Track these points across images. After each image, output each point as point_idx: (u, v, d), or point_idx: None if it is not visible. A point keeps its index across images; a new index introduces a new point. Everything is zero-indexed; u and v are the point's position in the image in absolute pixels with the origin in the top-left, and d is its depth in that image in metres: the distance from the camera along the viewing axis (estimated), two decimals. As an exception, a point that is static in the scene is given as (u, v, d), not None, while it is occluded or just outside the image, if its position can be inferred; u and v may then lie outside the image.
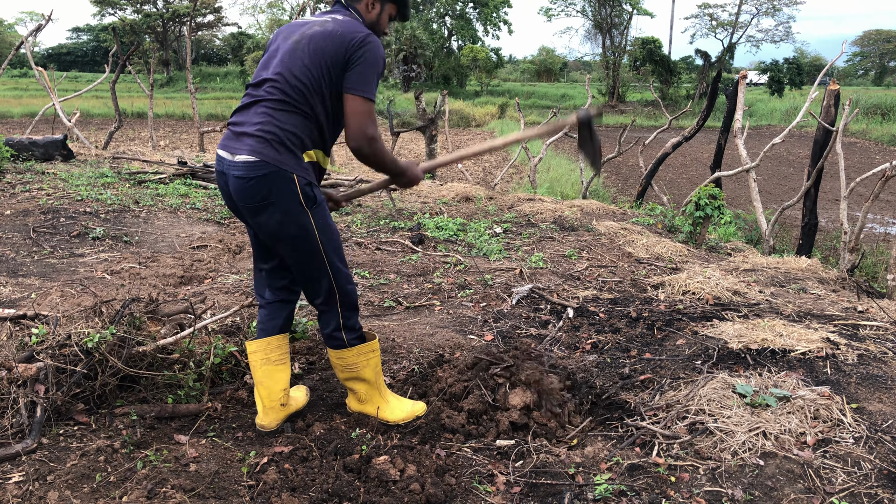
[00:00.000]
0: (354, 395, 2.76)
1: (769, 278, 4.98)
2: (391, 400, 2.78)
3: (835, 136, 7.52)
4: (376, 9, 2.59)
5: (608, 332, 3.75)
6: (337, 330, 2.62)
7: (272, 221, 2.39)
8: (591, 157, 2.82)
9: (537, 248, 5.68)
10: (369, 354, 2.68)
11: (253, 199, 2.36)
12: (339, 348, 2.64)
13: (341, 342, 2.63)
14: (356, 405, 2.78)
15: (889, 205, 14.33)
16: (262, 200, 2.35)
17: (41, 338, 2.62)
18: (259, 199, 2.35)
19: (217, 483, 2.24)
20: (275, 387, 2.65)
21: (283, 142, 2.34)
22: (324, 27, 2.42)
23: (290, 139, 2.35)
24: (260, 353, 2.65)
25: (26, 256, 4.74)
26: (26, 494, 2.10)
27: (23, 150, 8.48)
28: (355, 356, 2.65)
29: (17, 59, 41.90)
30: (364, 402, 2.76)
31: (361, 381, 2.71)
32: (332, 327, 2.62)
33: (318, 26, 2.43)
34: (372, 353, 2.69)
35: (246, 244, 5.38)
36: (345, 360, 2.66)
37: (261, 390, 2.65)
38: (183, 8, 49.75)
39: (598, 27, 47.98)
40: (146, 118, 16.64)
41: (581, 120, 2.70)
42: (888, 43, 60.01)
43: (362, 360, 2.67)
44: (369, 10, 2.58)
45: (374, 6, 2.58)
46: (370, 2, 2.57)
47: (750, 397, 2.65)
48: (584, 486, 2.28)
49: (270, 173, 2.32)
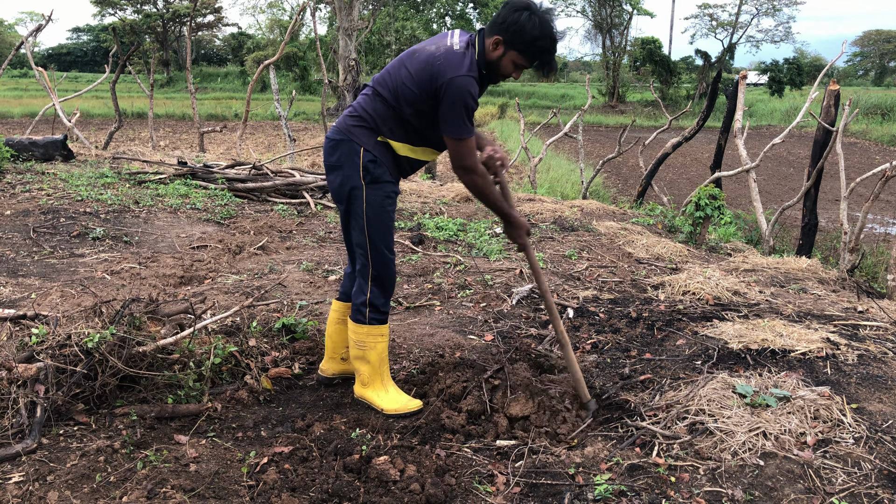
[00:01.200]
0: (359, 377, 2.93)
1: (769, 278, 4.98)
2: (390, 390, 2.91)
3: (835, 137, 7.52)
4: (499, 51, 2.61)
5: (608, 332, 3.75)
6: (363, 305, 2.83)
7: (335, 182, 2.77)
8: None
9: (537, 248, 5.68)
10: (378, 338, 2.86)
11: (328, 159, 2.79)
12: (357, 322, 2.86)
13: (361, 317, 2.84)
14: (359, 389, 2.95)
15: (889, 205, 14.33)
16: (334, 161, 2.74)
17: (41, 338, 2.62)
18: (333, 159, 2.75)
19: (217, 483, 2.24)
20: (340, 342, 3.05)
21: (364, 122, 2.69)
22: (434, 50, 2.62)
23: (369, 122, 2.69)
24: (337, 312, 3.04)
25: (26, 256, 4.74)
26: (26, 494, 2.10)
27: (23, 151, 8.48)
28: (365, 335, 2.85)
29: (17, 60, 41.90)
30: (366, 386, 2.92)
31: (366, 362, 2.88)
32: (360, 300, 2.84)
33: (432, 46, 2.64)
34: (381, 337, 2.87)
35: (246, 245, 5.39)
36: (357, 335, 2.86)
37: (328, 342, 3.07)
38: (183, 8, 49.75)
39: (598, 27, 47.95)
40: (146, 118, 16.64)
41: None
42: (888, 43, 60.01)
43: (370, 341, 2.85)
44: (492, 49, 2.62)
45: (498, 48, 2.61)
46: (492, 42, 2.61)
47: (750, 397, 2.65)
48: (584, 486, 2.28)
49: (343, 140, 2.70)
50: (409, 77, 2.60)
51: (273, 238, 5.70)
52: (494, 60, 2.61)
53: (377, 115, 2.67)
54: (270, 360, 3.20)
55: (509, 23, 2.54)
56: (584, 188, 11.76)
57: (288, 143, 12.38)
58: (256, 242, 5.47)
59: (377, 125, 2.68)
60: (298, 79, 41.67)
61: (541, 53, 2.59)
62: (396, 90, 2.63)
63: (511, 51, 2.58)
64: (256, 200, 7.24)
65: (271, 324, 3.47)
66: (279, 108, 12.42)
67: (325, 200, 7.31)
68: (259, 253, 5.23)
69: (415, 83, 2.58)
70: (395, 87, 2.63)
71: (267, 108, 30.36)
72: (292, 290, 4.28)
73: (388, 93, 2.65)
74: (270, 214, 6.62)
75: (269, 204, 7.13)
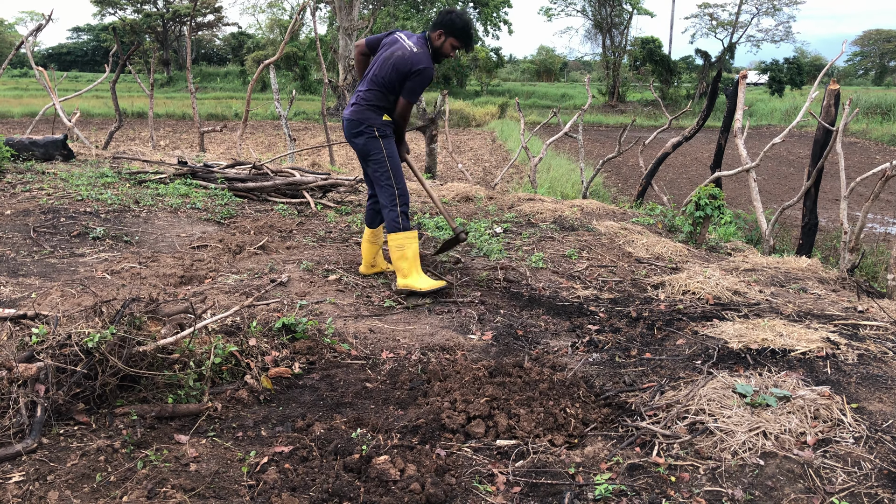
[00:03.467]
0: (400, 272, 4.32)
1: (769, 278, 4.98)
2: (423, 276, 4.32)
3: (835, 136, 7.52)
4: (441, 39, 4.27)
5: (608, 331, 3.75)
6: (396, 219, 4.26)
7: (360, 143, 4.31)
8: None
9: (537, 247, 5.68)
10: (412, 239, 4.31)
11: (351, 131, 4.34)
12: (395, 231, 4.27)
13: (398, 226, 4.26)
14: (401, 281, 4.33)
15: (889, 205, 14.33)
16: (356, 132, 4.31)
17: (41, 338, 2.62)
18: (356, 131, 4.31)
19: (217, 483, 2.24)
20: (367, 255, 4.67)
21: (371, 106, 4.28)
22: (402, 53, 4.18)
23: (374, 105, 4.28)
24: (365, 235, 4.67)
25: (26, 256, 4.74)
26: (26, 494, 2.10)
27: (23, 150, 8.47)
28: (404, 238, 4.27)
29: (17, 59, 41.89)
30: (406, 276, 4.30)
31: (405, 259, 4.27)
32: (393, 216, 4.27)
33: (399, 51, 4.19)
34: (413, 239, 4.31)
35: (246, 244, 5.39)
36: (397, 240, 4.27)
37: (364, 255, 4.68)
38: (183, 8, 49.74)
39: (598, 27, 47.93)
40: (146, 118, 16.64)
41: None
42: (888, 42, 59.98)
43: (407, 243, 4.28)
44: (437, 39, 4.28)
45: (441, 38, 4.27)
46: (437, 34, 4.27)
47: (750, 397, 2.65)
48: (585, 486, 2.28)
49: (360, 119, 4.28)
50: (393, 71, 4.17)
51: (273, 238, 5.70)
52: (438, 46, 4.28)
53: (376, 100, 4.26)
54: (270, 359, 3.20)
55: (445, 21, 4.23)
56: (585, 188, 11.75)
57: (288, 142, 12.38)
58: (256, 242, 5.47)
59: (378, 106, 4.27)
60: (298, 78, 41.66)
61: (465, 36, 4.27)
62: (385, 83, 4.21)
63: (449, 37, 4.26)
64: (256, 200, 7.24)
65: (271, 323, 3.47)
66: (279, 107, 12.42)
67: (325, 200, 7.31)
68: (259, 252, 5.23)
69: (398, 75, 4.16)
70: (385, 81, 4.21)
71: (267, 107, 30.36)
72: (292, 289, 4.28)
73: (380, 86, 4.23)
74: (270, 214, 6.62)
75: (270, 203, 7.13)
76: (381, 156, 4.25)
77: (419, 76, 4.12)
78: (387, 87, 4.21)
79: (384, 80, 4.19)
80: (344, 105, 27.44)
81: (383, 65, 4.18)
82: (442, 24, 4.23)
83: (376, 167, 4.28)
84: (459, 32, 4.23)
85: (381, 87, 4.22)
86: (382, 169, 4.26)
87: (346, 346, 3.45)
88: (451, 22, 4.22)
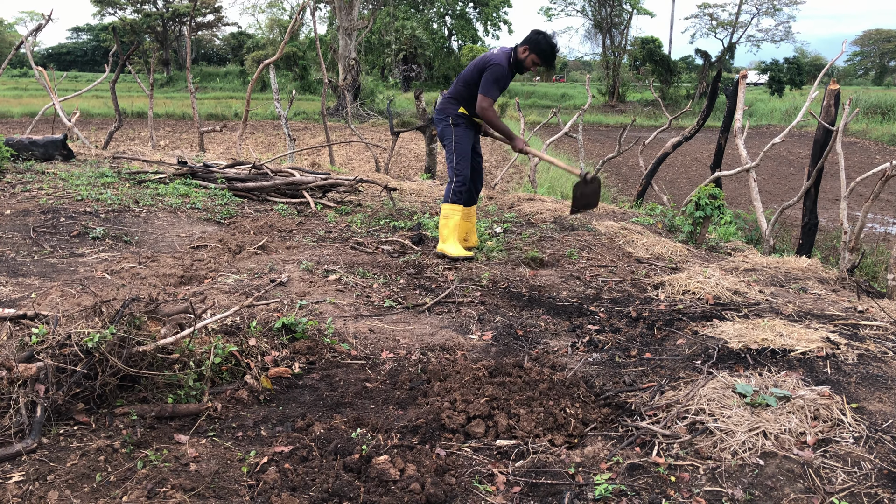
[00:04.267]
0: (441, 238, 5.21)
1: (769, 278, 4.98)
2: (457, 244, 5.18)
3: (835, 136, 7.52)
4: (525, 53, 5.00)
5: (608, 331, 3.75)
6: (450, 192, 5.19)
7: (439, 127, 5.27)
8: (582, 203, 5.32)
9: (537, 247, 5.68)
10: (457, 212, 5.20)
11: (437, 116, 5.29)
12: (447, 202, 5.19)
13: (448, 199, 5.19)
14: (440, 246, 5.21)
15: (889, 205, 14.33)
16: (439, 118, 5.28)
17: (41, 338, 2.61)
18: (439, 117, 5.26)
19: (217, 483, 2.24)
20: (461, 231, 5.37)
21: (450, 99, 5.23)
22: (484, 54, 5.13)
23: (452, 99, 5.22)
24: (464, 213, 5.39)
25: (26, 256, 4.74)
26: (26, 494, 2.10)
27: (23, 150, 8.47)
28: (450, 209, 5.18)
29: (17, 59, 41.89)
30: (445, 241, 5.17)
31: (447, 227, 5.17)
32: (449, 190, 5.20)
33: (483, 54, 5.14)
34: (458, 211, 5.20)
35: (246, 244, 5.39)
36: (446, 209, 5.18)
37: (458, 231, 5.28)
38: (183, 8, 49.74)
39: (598, 27, 47.95)
40: (146, 118, 16.64)
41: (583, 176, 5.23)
42: (888, 42, 60.01)
43: (452, 213, 5.19)
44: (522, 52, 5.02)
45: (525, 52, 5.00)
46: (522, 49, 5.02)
47: (750, 397, 2.65)
48: (584, 486, 2.28)
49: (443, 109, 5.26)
50: (473, 68, 5.06)
51: (273, 237, 5.69)
52: (522, 59, 5.00)
53: (456, 94, 5.17)
54: (270, 359, 3.19)
55: (533, 39, 4.96)
56: (584, 188, 11.72)
57: (288, 142, 12.38)
58: (256, 242, 5.47)
59: (457, 99, 5.17)
60: (298, 78, 41.66)
61: (547, 57, 5.00)
62: (465, 78, 5.08)
63: (532, 54, 4.98)
64: (256, 200, 7.24)
65: (271, 323, 3.47)
66: (279, 107, 12.42)
67: (324, 200, 7.31)
68: (259, 252, 5.23)
69: (476, 70, 5.02)
70: (466, 76, 5.08)
71: (267, 107, 30.34)
72: (292, 289, 4.28)
73: (462, 81, 5.12)
74: (270, 214, 6.62)
75: (269, 203, 7.13)
76: (451, 140, 5.16)
77: (490, 69, 4.88)
78: (466, 81, 5.04)
79: (465, 76, 5.05)
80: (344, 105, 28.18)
81: (469, 65, 5.13)
82: (529, 41, 4.94)
83: (448, 149, 5.21)
84: (542, 52, 4.93)
85: (461, 82, 5.08)
86: (450, 151, 5.18)
87: (345, 346, 3.45)
88: (537, 42, 4.92)
